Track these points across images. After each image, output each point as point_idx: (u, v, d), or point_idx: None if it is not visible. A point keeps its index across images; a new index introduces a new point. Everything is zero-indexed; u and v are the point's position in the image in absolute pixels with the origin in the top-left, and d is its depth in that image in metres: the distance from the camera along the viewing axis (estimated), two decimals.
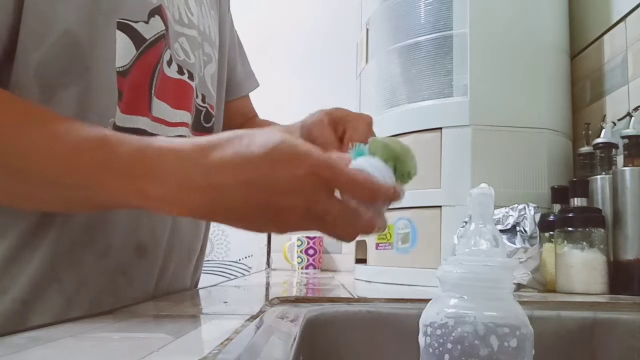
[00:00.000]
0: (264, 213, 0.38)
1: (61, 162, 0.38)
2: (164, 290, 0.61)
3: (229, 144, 0.38)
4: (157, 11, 0.54)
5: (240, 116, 0.82)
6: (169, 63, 0.56)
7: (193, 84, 0.61)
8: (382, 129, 1.01)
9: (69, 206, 0.44)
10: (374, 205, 0.40)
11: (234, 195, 0.37)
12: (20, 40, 0.44)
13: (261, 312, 0.45)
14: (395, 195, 0.40)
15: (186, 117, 0.60)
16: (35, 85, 0.45)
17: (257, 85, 0.87)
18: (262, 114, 0.88)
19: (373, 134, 0.57)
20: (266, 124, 0.82)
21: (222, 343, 0.30)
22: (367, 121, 0.57)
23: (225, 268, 1.82)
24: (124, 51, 0.50)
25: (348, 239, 0.41)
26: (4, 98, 0.40)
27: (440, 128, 0.91)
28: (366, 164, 0.40)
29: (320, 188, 0.38)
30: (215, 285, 0.85)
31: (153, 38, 0.53)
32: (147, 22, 0.52)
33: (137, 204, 0.39)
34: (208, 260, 1.78)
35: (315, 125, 0.57)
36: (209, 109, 0.68)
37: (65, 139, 0.38)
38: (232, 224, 0.39)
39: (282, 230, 0.40)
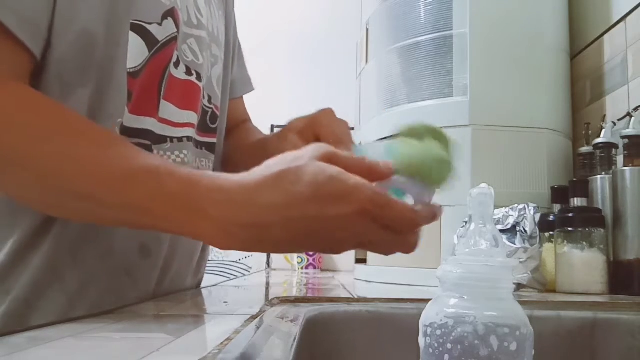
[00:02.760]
0: (313, 241, 0.40)
1: (114, 188, 0.40)
2: (166, 290, 0.61)
3: (275, 183, 0.39)
4: (170, 13, 0.54)
5: (230, 119, 0.78)
6: (176, 64, 0.56)
7: (201, 84, 0.61)
8: (382, 129, 1.01)
9: (116, 224, 0.47)
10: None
11: (282, 233, 0.39)
12: None
13: (261, 312, 0.45)
14: (435, 218, 0.42)
15: (192, 117, 0.60)
16: (57, 84, 0.46)
17: (252, 89, 0.84)
18: (261, 114, 0.87)
19: (343, 123, 0.58)
20: (256, 134, 0.79)
21: (222, 343, 0.30)
22: (330, 113, 0.58)
23: (225, 268, 1.82)
24: (136, 52, 0.50)
25: (390, 254, 0.43)
26: (62, 115, 0.43)
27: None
28: (407, 181, 0.42)
29: (369, 223, 0.39)
30: (215, 285, 0.85)
31: (165, 40, 0.53)
32: (160, 24, 0.52)
33: (184, 235, 0.42)
34: (208, 260, 1.78)
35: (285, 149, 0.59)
36: (215, 110, 0.68)
37: (119, 165, 0.41)
38: (279, 252, 0.43)
39: (327, 252, 0.43)
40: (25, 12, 0.42)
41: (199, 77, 0.61)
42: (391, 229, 0.40)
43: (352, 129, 1.54)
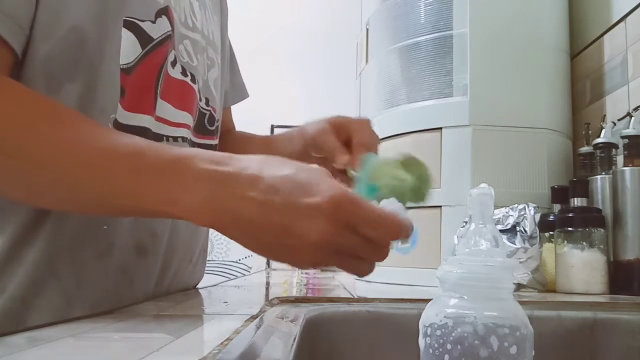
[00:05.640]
0: (279, 237, 0.39)
1: (94, 166, 0.40)
2: (165, 290, 0.61)
3: (257, 164, 0.40)
4: (164, 12, 0.54)
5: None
6: (173, 64, 0.57)
7: (195, 87, 0.61)
8: (382, 129, 1.01)
9: (96, 210, 0.46)
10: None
11: (252, 212, 0.38)
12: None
13: (261, 312, 0.45)
14: (408, 233, 0.41)
15: (188, 119, 0.60)
16: (41, 79, 0.45)
17: (246, 96, 0.85)
18: (261, 113, 0.87)
19: (375, 135, 0.60)
20: (245, 137, 0.81)
21: (222, 343, 0.30)
22: (368, 123, 0.60)
23: (225, 268, 1.82)
24: (128, 49, 0.50)
25: (364, 274, 0.42)
26: (43, 103, 0.42)
27: (440, 128, 0.91)
28: (387, 205, 0.42)
29: (340, 220, 0.38)
30: (215, 285, 0.85)
31: (160, 38, 0.53)
32: (153, 22, 0.52)
33: (164, 210, 0.40)
34: (208, 260, 1.78)
35: (319, 133, 0.60)
36: (212, 112, 0.68)
37: (99, 143, 0.40)
38: (247, 243, 0.41)
39: (296, 260, 0.40)
40: (4, 5, 0.42)
41: (193, 79, 0.61)
42: (362, 233, 0.39)
43: None
